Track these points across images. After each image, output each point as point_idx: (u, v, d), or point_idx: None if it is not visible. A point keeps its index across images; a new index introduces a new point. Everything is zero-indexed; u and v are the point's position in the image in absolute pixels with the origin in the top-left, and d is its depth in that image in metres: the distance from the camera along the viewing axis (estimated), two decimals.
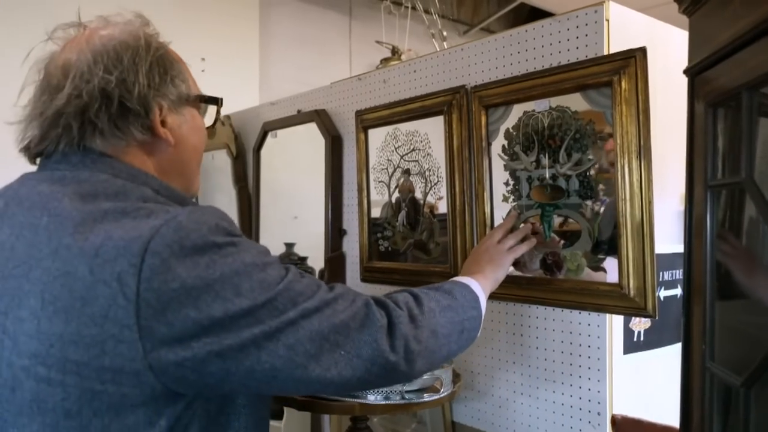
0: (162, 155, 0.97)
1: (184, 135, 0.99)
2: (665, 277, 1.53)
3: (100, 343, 0.75)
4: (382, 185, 1.97)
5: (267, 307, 0.82)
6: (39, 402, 0.77)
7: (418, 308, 1.00)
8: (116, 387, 0.76)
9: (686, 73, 0.97)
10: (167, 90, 0.95)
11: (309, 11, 3.90)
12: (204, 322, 0.78)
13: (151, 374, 0.77)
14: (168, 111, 0.96)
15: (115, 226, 0.79)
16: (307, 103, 2.32)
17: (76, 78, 0.89)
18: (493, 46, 1.64)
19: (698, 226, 0.94)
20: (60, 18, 1.00)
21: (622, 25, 1.42)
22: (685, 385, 0.98)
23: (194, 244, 0.79)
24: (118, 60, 0.91)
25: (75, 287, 0.76)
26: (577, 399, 1.47)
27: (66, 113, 0.89)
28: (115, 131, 0.91)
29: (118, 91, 0.90)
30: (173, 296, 0.76)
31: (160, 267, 0.76)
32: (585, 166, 1.41)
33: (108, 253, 0.76)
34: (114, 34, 0.94)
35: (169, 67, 0.97)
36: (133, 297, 0.75)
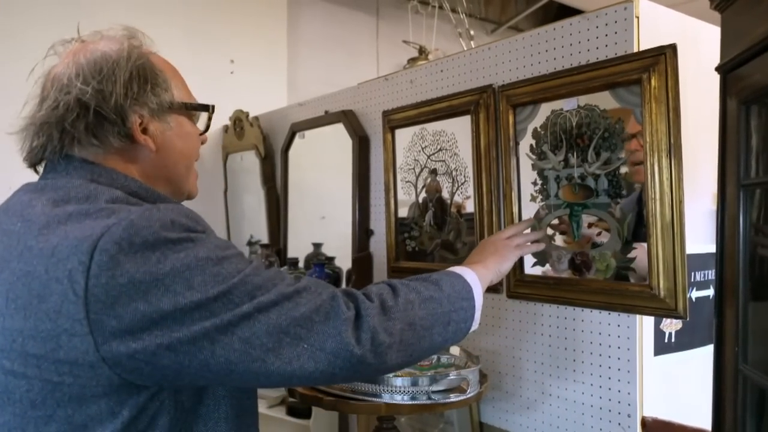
0: (145, 161, 1.00)
1: (168, 141, 1.01)
2: (697, 278, 1.50)
3: (55, 338, 0.79)
4: (409, 185, 1.97)
5: (220, 300, 0.82)
6: (8, 393, 0.83)
7: (393, 299, 0.98)
8: (73, 379, 0.81)
9: (718, 71, 0.95)
10: (146, 99, 0.97)
11: (336, 12, 3.91)
12: (153, 315, 0.79)
13: (105, 366, 0.80)
14: (150, 119, 0.98)
15: (75, 227, 0.83)
16: (334, 103, 2.33)
17: (56, 89, 0.95)
18: (521, 45, 1.62)
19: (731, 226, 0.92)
20: (71, 31, 1.03)
21: (652, 21, 1.40)
22: (717, 387, 0.96)
23: (144, 240, 0.80)
24: (97, 71, 0.94)
25: (33, 285, 0.81)
26: (607, 401, 1.45)
27: (48, 123, 0.95)
28: (92, 139, 0.95)
29: (95, 101, 0.93)
30: (122, 291, 0.78)
31: (108, 263, 0.78)
32: (614, 165, 1.40)
33: (62, 252, 0.80)
34: (98, 47, 0.98)
35: (150, 77, 0.99)
36: (82, 293, 0.78)
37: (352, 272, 2.18)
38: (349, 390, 1.37)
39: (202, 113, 1.10)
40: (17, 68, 1.16)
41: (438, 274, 1.15)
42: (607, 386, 1.45)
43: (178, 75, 1.07)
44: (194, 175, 1.11)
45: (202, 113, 1.10)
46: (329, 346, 0.88)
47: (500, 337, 1.70)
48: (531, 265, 1.59)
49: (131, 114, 0.96)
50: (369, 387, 1.36)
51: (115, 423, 0.83)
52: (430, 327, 1.03)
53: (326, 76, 3.67)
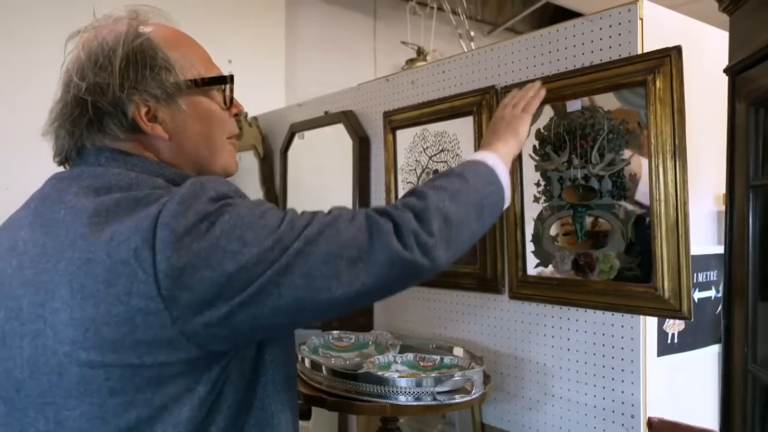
0: (163, 149, 0.98)
1: (181, 125, 0.98)
2: (699, 279, 1.51)
3: (130, 319, 0.80)
4: (410, 186, 1.97)
5: (276, 247, 0.84)
6: (85, 384, 0.82)
7: (421, 203, 0.99)
8: (153, 358, 0.81)
9: (727, 73, 0.96)
10: (147, 85, 0.93)
11: (334, 13, 3.91)
12: (221, 279, 0.81)
13: (183, 339, 0.82)
14: (156, 105, 0.95)
15: (126, 211, 0.84)
16: (334, 104, 2.33)
17: (63, 88, 0.96)
18: (524, 46, 1.63)
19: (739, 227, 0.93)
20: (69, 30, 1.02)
21: (656, 23, 1.40)
22: (725, 387, 0.96)
23: (197, 211, 0.83)
24: (93, 63, 0.93)
25: (97, 272, 0.81)
26: (610, 401, 1.46)
27: (59, 123, 0.95)
28: (98, 135, 0.94)
29: (91, 96, 0.92)
30: (186, 262, 0.80)
31: (170, 237, 0.80)
32: (618, 166, 1.40)
33: (122, 234, 0.81)
34: (100, 35, 0.95)
35: (150, 59, 0.94)
36: (151, 270, 0.79)
37: None
38: (354, 391, 1.37)
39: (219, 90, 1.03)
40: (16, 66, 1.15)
41: (459, 166, 1.17)
42: (611, 387, 1.45)
43: (190, 47, 1.01)
44: (229, 152, 1.08)
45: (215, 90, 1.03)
46: (382, 258, 0.89)
47: (502, 338, 1.70)
48: (534, 266, 1.60)
49: (130, 104, 0.93)
50: (373, 388, 1.36)
51: (192, 399, 0.85)
52: (465, 218, 1.04)
53: (324, 76, 3.67)
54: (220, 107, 1.03)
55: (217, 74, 1.03)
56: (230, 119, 1.07)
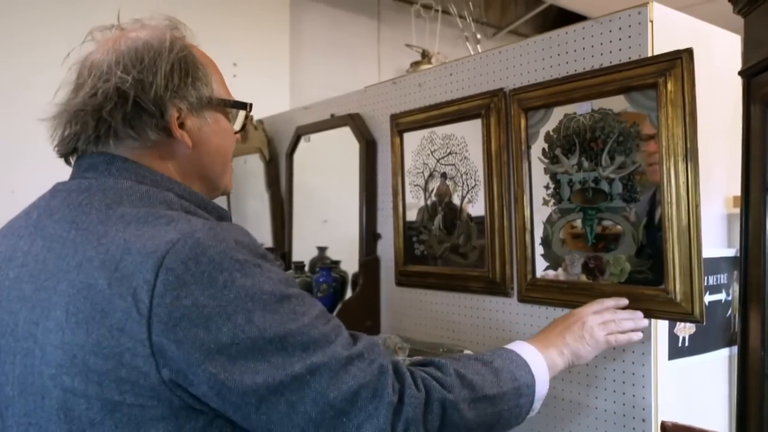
0: (182, 158, 0.98)
1: (204, 138, 0.99)
2: (710, 282, 1.50)
3: (118, 355, 0.77)
4: (418, 189, 1.97)
5: (275, 344, 0.80)
6: (66, 410, 0.80)
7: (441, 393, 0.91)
8: (135, 398, 0.78)
9: (741, 75, 0.96)
10: (186, 92, 0.95)
11: (338, 16, 3.91)
12: (210, 345, 0.77)
13: (166, 388, 0.78)
14: (187, 113, 0.96)
15: (135, 235, 0.80)
16: (340, 107, 2.33)
17: (95, 77, 0.93)
18: (532, 49, 1.62)
19: (755, 229, 0.93)
20: (99, 20, 1.02)
21: (666, 26, 1.40)
22: (741, 392, 0.96)
23: (211, 260, 0.78)
24: (138, 60, 0.92)
25: (96, 299, 0.78)
26: (621, 405, 1.45)
27: (84, 110, 0.92)
28: (129, 131, 0.93)
29: (134, 90, 0.91)
30: (185, 313, 0.76)
31: (173, 283, 0.76)
32: (628, 168, 1.40)
33: (126, 268, 0.78)
34: (140, 36, 0.96)
35: (192, 70, 0.96)
36: (146, 312, 0.76)
37: (359, 276, 2.17)
38: None
39: (239, 111, 1.07)
40: None
41: (501, 358, 1.05)
42: (621, 391, 1.45)
43: (218, 70, 1.05)
44: (230, 172, 1.09)
45: (238, 111, 1.07)
46: (367, 426, 0.84)
47: (511, 341, 1.69)
48: (543, 269, 1.59)
49: (170, 107, 0.93)
50: None
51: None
52: (474, 429, 0.95)
53: (328, 79, 3.67)
54: (232, 130, 1.07)
55: (232, 100, 1.06)
56: (234, 144, 1.10)
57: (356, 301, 2.12)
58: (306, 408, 0.81)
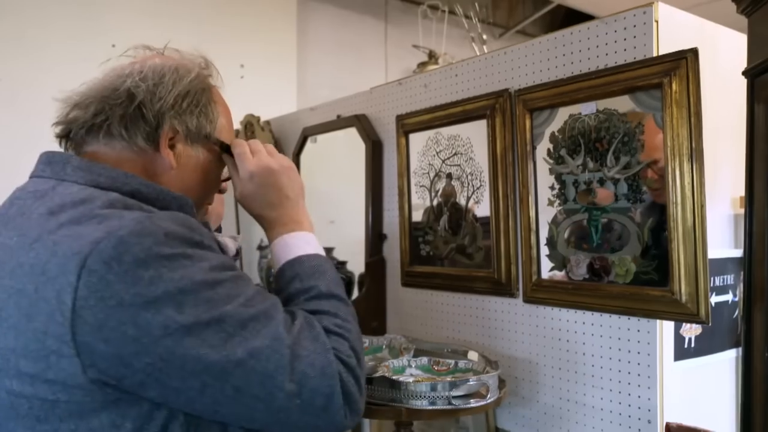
0: (161, 174, 0.98)
1: (189, 167, 1.01)
2: (716, 283, 1.50)
3: (45, 358, 0.78)
4: (423, 189, 1.97)
5: (212, 327, 0.80)
6: (15, 409, 0.82)
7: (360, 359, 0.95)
8: (68, 396, 0.79)
9: (746, 75, 0.95)
10: (188, 118, 0.98)
11: (345, 17, 3.92)
12: (143, 340, 0.77)
13: (96, 387, 0.79)
14: (182, 137, 0.99)
15: (64, 236, 0.81)
16: (346, 108, 2.33)
17: (116, 75, 0.97)
18: (537, 49, 1.62)
19: (759, 229, 0.92)
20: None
21: (671, 25, 1.39)
22: (746, 394, 0.95)
23: (135, 258, 0.77)
24: (158, 76, 0.97)
25: (22, 304, 0.79)
26: (626, 406, 1.44)
27: (92, 97, 0.95)
28: (122, 130, 0.95)
29: (142, 97, 0.94)
30: (110, 313, 0.76)
31: (96, 284, 0.76)
32: (634, 169, 1.39)
33: (51, 271, 0.78)
34: (172, 59, 1.01)
35: (203, 104, 1.00)
36: (69, 314, 0.76)
37: (365, 276, 2.17)
38: (368, 395, 1.37)
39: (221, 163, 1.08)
40: None
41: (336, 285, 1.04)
42: (627, 392, 1.44)
43: (229, 117, 1.08)
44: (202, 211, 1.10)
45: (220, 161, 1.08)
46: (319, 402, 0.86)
47: (517, 342, 1.69)
48: (548, 269, 1.59)
49: (166, 123, 0.96)
50: (388, 392, 1.35)
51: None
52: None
53: (335, 80, 3.68)
54: (218, 176, 1.09)
55: None
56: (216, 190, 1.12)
57: (362, 301, 2.13)
58: (254, 390, 0.81)
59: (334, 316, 0.96)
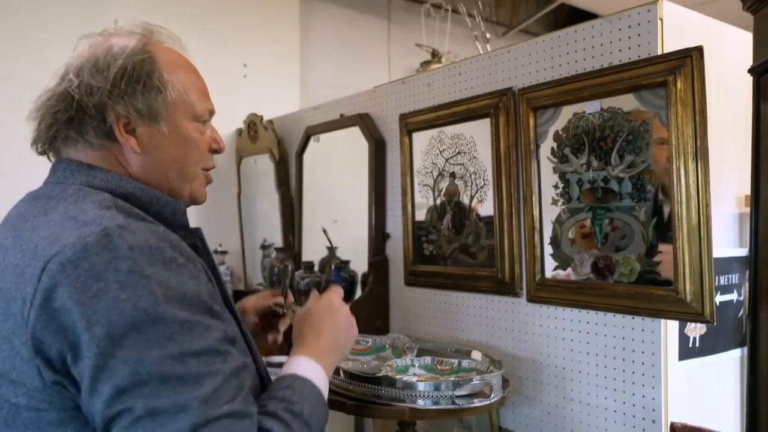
0: (134, 163, 0.96)
1: (157, 145, 0.96)
2: (721, 282, 1.49)
3: (11, 358, 0.78)
4: (427, 188, 1.97)
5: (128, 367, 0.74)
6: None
7: None
8: (28, 400, 0.79)
9: (751, 73, 0.95)
10: (133, 99, 0.93)
11: (348, 16, 3.91)
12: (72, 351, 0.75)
13: (53, 391, 0.77)
14: (138, 120, 0.94)
15: (44, 239, 0.80)
16: (349, 107, 2.33)
17: (56, 80, 0.95)
18: (541, 48, 1.62)
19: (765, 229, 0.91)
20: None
21: (676, 23, 1.39)
22: (751, 394, 0.95)
23: (92, 267, 0.76)
24: (92, 65, 0.93)
25: (1, 304, 0.80)
26: (631, 406, 1.44)
27: (42, 111, 0.95)
28: (72, 133, 0.94)
29: (79, 94, 0.92)
30: (53, 315, 0.75)
31: (47, 284, 0.76)
32: (638, 168, 1.39)
33: (27, 273, 0.78)
34: (109, 41, 0.96)
35: (146, 77, 0.94)
36: (27, 315, 0.76)
37: (368, 275, 2.17)
38: (372, 395, 1.37)
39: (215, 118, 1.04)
40: None
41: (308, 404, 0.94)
42: (631, 391, 1.44)
43: (189, 76, 1.01)
44: (200, 181, 1.05)
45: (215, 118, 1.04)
46: None
47: (520, 341, 1.69)
48: (552, 268, 1.58)
49: (112, 111, 0.92)
50: (392, 392, 1.35)
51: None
52: None
53: (338, 79, 3.67)
54: (199, 138, 1.02)
55: (206, 109, 1.03)
56: (208, 153, 1.06)
57: (366, 300, 2.12)
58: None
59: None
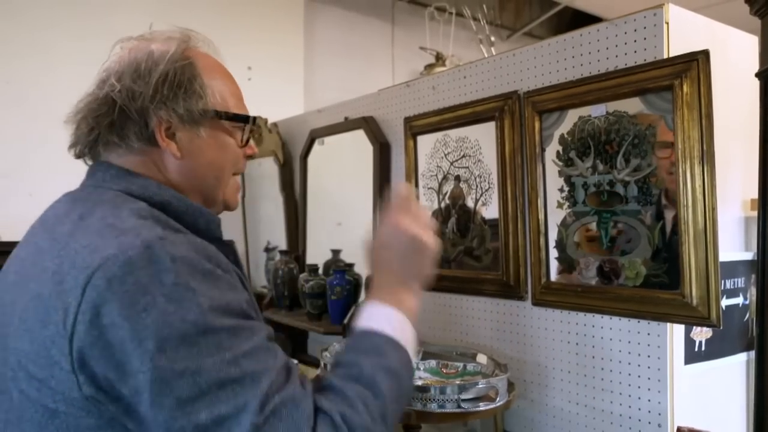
0: (173, 167, 0.98)
1: (196, 150, 0.98)
2: (727, 286, 1.48)
3: (50, 366, 0.78)
4: (432, 192, 1.97)
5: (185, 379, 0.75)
6: (22, 410, 0.82)
7: None
8: (66, 407, 0.79)
9: (759, 77, 0.95)
10: (175, 104, 0.94)
11: (352, 19, 3.92)
12: (125, 367, 0.75)
13: (90, 404, 0.78)
14: (178, 124, 0.95)
15: (85, 247, 0.81)
16: (354, 110, 2.33)
17: (97, 84, 0.96)
18: (546, 51, 1.62)
19: None
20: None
21: (682, 27, 1.39)
22: (759, 397, 0.94)
23: (137, 281, 0.76)
24: (134, 70, 0.94)
25: (39, 309, 0.80)
26: (636, 410, 1.44)
27: (83, 115, 0.96)
28: (114, 138, 0.95)
29: (121, 99, 0.92)
30: (102, 331, 0.75)
31: (95, 300, 0.76)
32: (644, 171, 1.39)
33: (67, 282, 0.79)
34: (149, 46, 0.97)
35: (187, 82, 0.95)
36: (70, 328, 0.76)
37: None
38: None
39: (241, 128, 1.03)
40: None
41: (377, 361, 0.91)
42: (637, 395, 1.43)
43: (226, 82, 1.03)
44: (232, 187, 1.06)
45: (244, 125, 1.03)
46: None
47: (525, 345, 1.69)
48: (557, 272, 1.58)
49: (154, 116, 0.93)
50: None
51: None
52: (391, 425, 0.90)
53: (342, 82, 3.68)
54: (237, 143, 1.04)
55: (243, 113, 1.04)
56: (243, 158, 1.07)
57: None
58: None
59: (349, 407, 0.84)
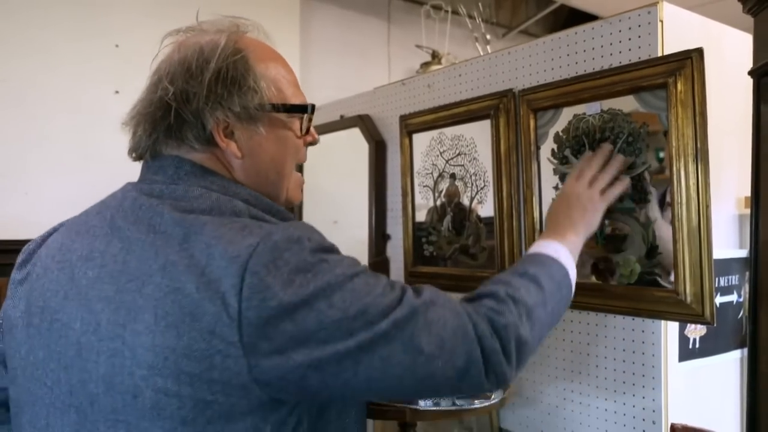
0: (234, 166, 0.98)
1: (256, 146, 0.97)
2: (721, 283, 1.49)
3: (209, 357, 0.79)
4: (427, 189, 1.97)
5: (359, 319, 0.83)
6: (158, 409, 0.81)
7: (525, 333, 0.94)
8: (225, 398, 0.81)
9: (752, 75, 0.95)
10: (230, 103, 0.93)
11: (348, 17, 3.92)
12: (300, 336, 0.80)
13: (257, 387, 0.81)
14: (235, 122, 0.94)
15: (215, 238, 0.83)
16: (349, 108, 2.33)
17: (151, 86, 0.95)
18: (541, 49, 1.62)
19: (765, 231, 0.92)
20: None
21: (676, 25, 1.39)
22: (751, 395, 0.95)
23: (288, 262, 0.81)
24: (185, 70, 0.93)
25: (184, 303, 0.80)
26: (631, 407, 1.44)
27: (139, 118, 0.95)
28: (175, 141, 0.94)
29: (176, 102, 0.92)
30: (272, 313, 0.79)
31: (258, 286, 0.79)
32: (638, 169, 1.39)
33: (213, 273, 0.80)
34: (198, 42, 0.95)
35: (240, 78, 0.94)
36: (236, 316, 0.79)
37: None
38: None
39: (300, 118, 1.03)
40: None
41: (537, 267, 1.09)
42: (631, 393, 1.44)
43: (281, 71, 1.02)
44: (294, 181, 1.07)
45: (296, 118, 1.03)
46: (459, 363, 0.87)
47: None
48: None
49: (211, 117, 0.93)
50: None
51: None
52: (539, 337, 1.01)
53: (338, 80, 3.67)
54: (295, 134, 1.03)
55: (301, 101, 1.03)
56: (303, 148, 1.07)
57: None
58: (399, 358, 0.84)
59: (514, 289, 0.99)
